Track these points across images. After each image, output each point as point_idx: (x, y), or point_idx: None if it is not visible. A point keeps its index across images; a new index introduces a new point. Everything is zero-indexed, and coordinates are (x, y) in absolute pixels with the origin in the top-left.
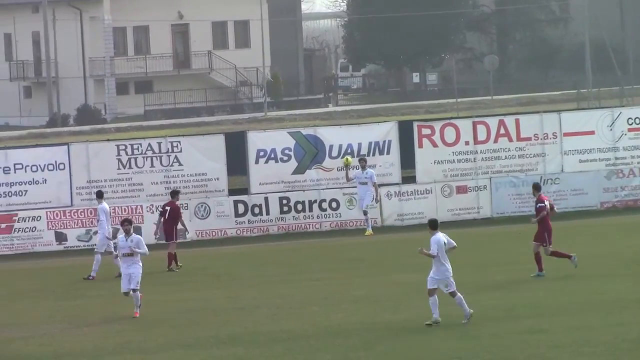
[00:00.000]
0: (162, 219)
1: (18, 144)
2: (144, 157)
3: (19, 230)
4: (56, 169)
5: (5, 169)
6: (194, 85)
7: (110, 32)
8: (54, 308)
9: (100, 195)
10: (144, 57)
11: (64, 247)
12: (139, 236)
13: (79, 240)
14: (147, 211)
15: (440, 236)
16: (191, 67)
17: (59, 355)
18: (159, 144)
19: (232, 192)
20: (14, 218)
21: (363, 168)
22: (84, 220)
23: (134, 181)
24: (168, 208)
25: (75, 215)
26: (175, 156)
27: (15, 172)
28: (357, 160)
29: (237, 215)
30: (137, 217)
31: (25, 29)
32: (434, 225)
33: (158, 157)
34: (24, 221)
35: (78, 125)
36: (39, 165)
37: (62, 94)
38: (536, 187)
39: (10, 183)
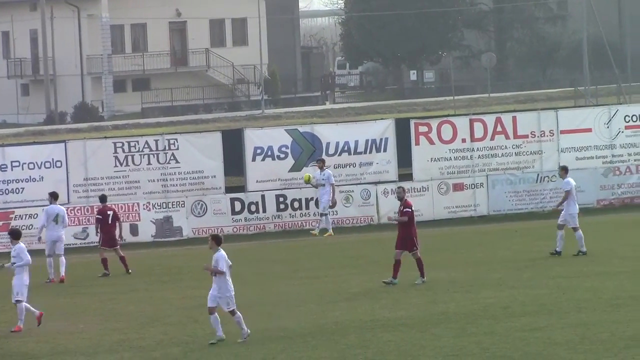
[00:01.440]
0: (100, 225)
1: (15, 141)
2: (141, 155)
3: None
4: (53, 167)
5: (2, 166)
6: (191, 82)
7: (108, 30)
8: (51, 305)
9: (54, 196)
10: (142, 55)
11: None
12: (22, 245)
13: (75, 238)
14: (144, 209)
15: (224, 253)
16: (189, 65)
17: (56, 352)
18: (156, 141)
19: (229, 189)
20: (11, 216)
21: (321, 169)
22: (80, 218)
23: (131, 179)
24: (110, 212)
25: (72, 213)
26: (172, 154)
27: (12, 170)
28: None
29: (233, 212)
30: (133, 214)
31: (23, 27)
32: (219, 241)
33: (155, 155)
34: (21, 219)
35: (75, 123)
36: (36, 163)
37: (60, 92)
38: (403, 192)
39: (7, 180)
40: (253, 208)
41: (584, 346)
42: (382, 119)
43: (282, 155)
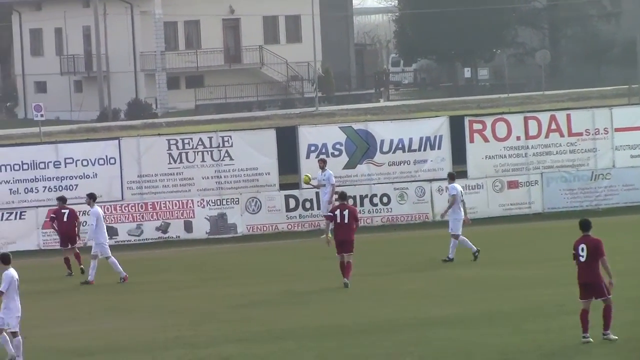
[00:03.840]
0: (56, 224)
1: (69, 138)
2: (194, 152)
3: None
4: (107, 164)
5: (56, 163)
6: (245, 79)
7: (161, 27)
8: (106, 302)
9: (93, 198)
10: (195, 52)
11: (115, 242)
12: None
13: (129, 234)
14: (198, 206)
15: (12, 272)
16: (242, 62)
17: (110, 349)
18: (210, 138)
19: (283, 186)
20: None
21: (322, 169)
22: (134, 215)
23: (185, 176)
24: (65, 211)
25: (126, 210)
26: (226, 151)
27: (65, 167)
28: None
29: (288, 209)
30: (188, 211)
31: (76, 24)
32: (5, 259)
33: (209, 152)
34: None
35: (129, 120)
36: (90, 160)
37: (113, 89)
38: (341, 196)
39: (61, 177)
40: (307, 205)
41: (638, 344)
42: (436, 116)
43: (336, 153)
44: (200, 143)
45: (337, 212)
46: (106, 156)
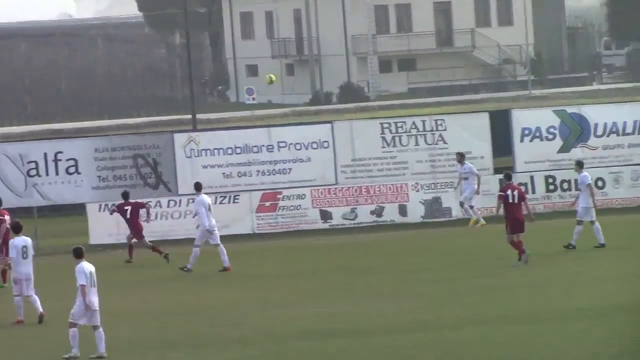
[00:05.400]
0: (125, 218)
1: (281, 122)
2: (408, 136)
3: (283, 209)
4: (320, 147)
5: (269, 147)
6: (456, 63)
7: (372, 10)
8: (327, 284)
9: (198, 187)
10: (407, 35)
11: (329, 226)
12: None
13: (344, 218)
14: (413, 189)
15: (86, 265)
16: (454, 45)
17: (351, 332)
18: (423, 122)
19: (497, 170)
20: (279, 196)
21: (460, 163)
22: (349, 199)
23: (399, 159)
24: (128, 208)
25: (340, 194)
26: (440, 134)
27: (279, 151)
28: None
29: None
30: (402, 195)
31: (286, 7)
32: (78, 254)
33: (422, 136)
34: (289, 199)
35: (341, 103)
36: (303, 144)
37: (325, 72)
38: (507, 177)
39: (274, 161)
40: (522, 189)
41: None
42: None
43: (550, 137)
44: (413, 127)
45: (509, 191)
46: (319, 140)
